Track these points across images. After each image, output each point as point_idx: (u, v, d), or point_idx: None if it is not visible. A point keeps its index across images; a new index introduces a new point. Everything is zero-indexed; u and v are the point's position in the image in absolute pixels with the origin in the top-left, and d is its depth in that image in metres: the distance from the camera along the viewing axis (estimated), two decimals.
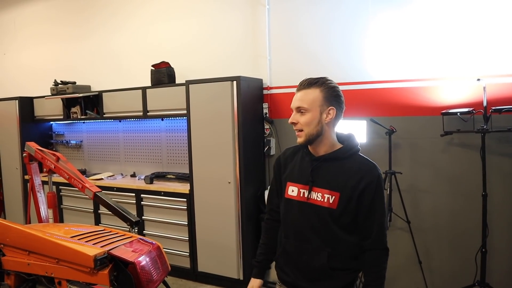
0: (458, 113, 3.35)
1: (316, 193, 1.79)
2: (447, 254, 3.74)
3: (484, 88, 3.22)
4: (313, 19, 4.14)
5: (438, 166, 3.70)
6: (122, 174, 5.36)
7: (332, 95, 1.77)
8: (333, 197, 1.76)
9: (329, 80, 1.80)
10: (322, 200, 1.78)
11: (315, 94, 1.76)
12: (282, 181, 1.94)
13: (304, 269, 1.84)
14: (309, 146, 1.85)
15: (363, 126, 3.74)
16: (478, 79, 3.28)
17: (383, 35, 3.83)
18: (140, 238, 2.73)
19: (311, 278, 1.83)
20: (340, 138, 1.87)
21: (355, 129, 3.68)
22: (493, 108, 3.19)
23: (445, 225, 3.72)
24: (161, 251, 2.64)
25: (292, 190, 1.87)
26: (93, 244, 2.48)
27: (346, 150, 1.82)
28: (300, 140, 1.81)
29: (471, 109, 3.33)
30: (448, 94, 3.59)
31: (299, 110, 1.77)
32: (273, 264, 2.04)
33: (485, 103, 3.22)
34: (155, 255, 2.54)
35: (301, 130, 1.78)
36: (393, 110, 3.81)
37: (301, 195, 1.84)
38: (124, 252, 2.43)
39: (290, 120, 1.81)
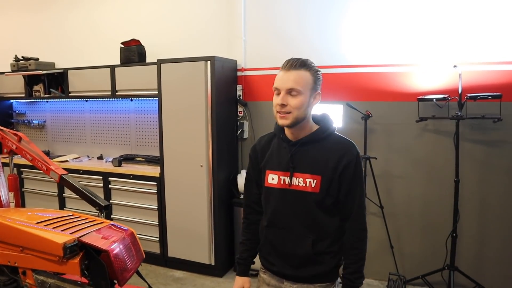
0: (434, 99, 3.37)
1: (298, 178, 1.74)
2: (418, 239, 3.80)
3: (460, 75, 3.25)
4: (290, 1, 4.04)
5: (412, 152, 3.74)
6: (88, 156, 5.14)
7: (318, 79, 1.72)
8: (315, 180, 1.71)
9: (313, 63, 1.72)
10: (304, 185, 1.72)
11: (307, 76, 1.67)
12: (261, 170, 1.86)
13: (289, 257, 1.80)
14: (287, 130, 1.77)
15: (339, 111, 3.72)
16: (455, 66, 3.31)
17: (361, 19, 3.78)
18: (112, 224, 2.59)
19: (297, 265, 1.79)
20: (315, 119, 1.81)
21: (331, 113, 3.63)
22: (468, 95, 3.22)
23: (417, 210, 3.78)
24: (135, 237, 2.50)
25: (272, 178, 1.80)
26: (61, 230, 2.31)
27: (323, 131, 1.77)
28: (285, 122, 1.68)
29: (447, 95, 3.35)
30: (424, 80, 3.60)
31: (290, 91, 1.65)
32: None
33: (460, 90, 3.25)
34: (129, 242, 2.40)
35: (289, 112, 1.67)
36: (369, 95, 3.80)
37: (282, 182, 1.77)
38: (96, 239, 2.28)
39: (279, 102, 1.66)
